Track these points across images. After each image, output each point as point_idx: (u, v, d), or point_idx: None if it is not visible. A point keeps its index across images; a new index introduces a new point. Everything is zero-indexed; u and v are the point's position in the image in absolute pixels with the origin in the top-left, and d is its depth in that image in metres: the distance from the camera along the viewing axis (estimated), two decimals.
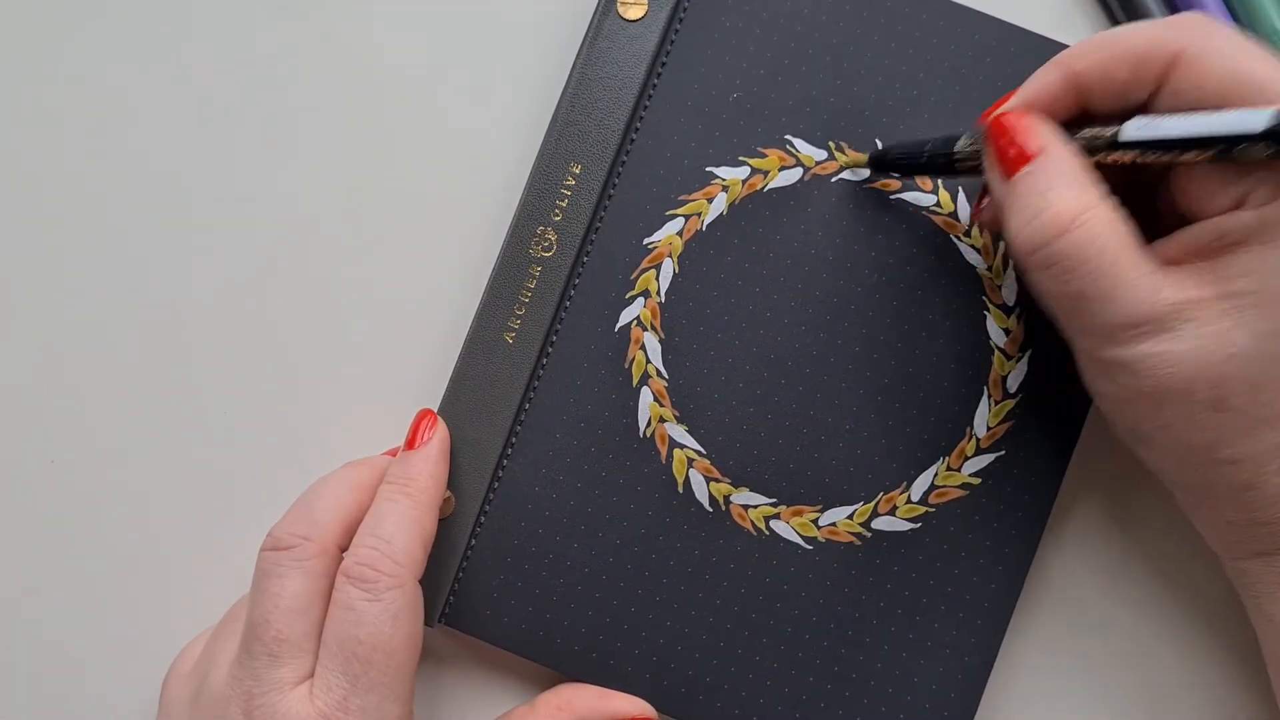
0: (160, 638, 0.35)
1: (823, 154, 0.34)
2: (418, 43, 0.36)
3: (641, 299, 0.34)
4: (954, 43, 0.34)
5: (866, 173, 0.34)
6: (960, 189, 0.34)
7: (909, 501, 0.34)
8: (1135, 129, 0.27)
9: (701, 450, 0.34)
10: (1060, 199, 0.27)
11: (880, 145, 0.34)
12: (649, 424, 0.34)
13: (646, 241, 0.34)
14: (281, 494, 0.33)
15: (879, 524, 0.33)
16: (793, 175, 0.34)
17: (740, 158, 0.34)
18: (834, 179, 0.34)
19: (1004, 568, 0.33)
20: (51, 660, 0.35)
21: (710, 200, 0.34)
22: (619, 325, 0.34)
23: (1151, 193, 0.30)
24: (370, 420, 0.36)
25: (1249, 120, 0.25)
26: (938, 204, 0.34)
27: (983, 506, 0.33)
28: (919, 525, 0.33)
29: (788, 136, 0.34)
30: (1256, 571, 0.30)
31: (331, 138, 0.36)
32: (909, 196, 0.34)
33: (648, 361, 0.34)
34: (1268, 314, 0.26)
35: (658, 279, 0.34)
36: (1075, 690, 0.35)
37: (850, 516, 0.34)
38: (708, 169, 0.34)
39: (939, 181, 0.34)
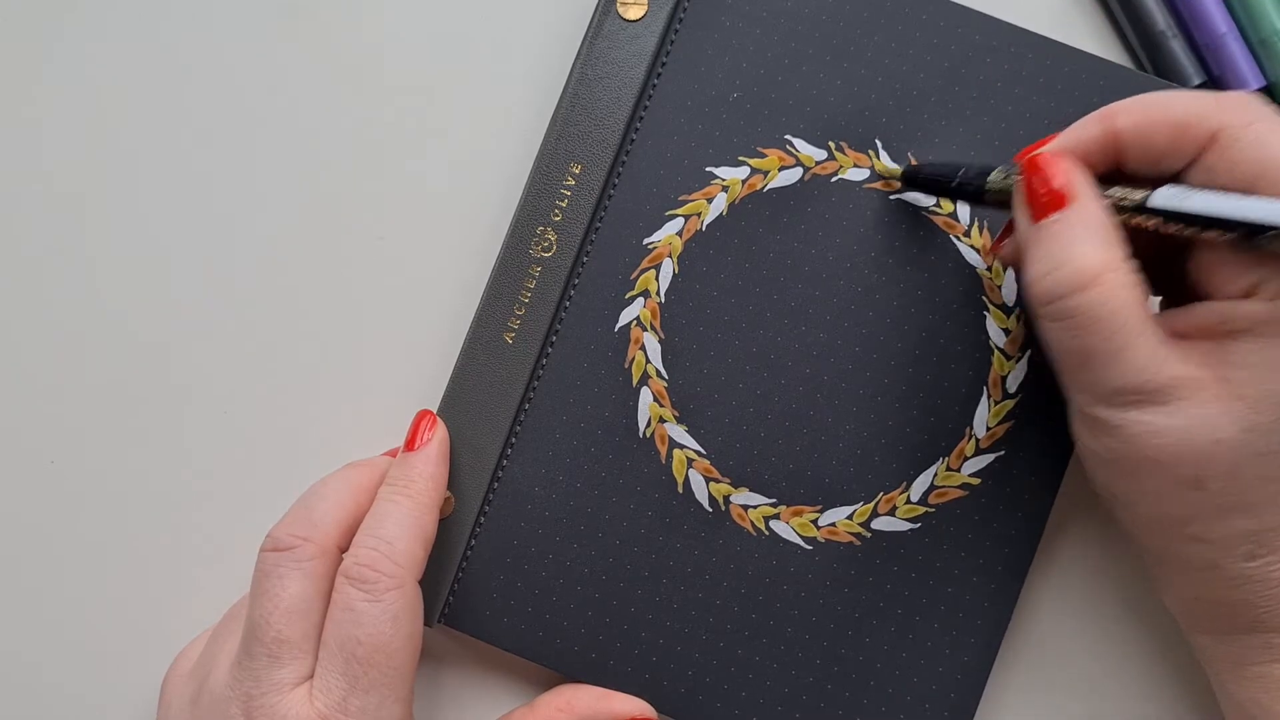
0: (160, 638, 0.35)
1: (823, 154, 0.34)
2: (418, 43, 0.36)
3: (641, 299, 0.34)
4: (954, 43, 0.34)
5: (866, 173, 0.34)
6: None
7: (909, 502, 0.34)
8: (1164, 198, 0.27)
9: (701, 450, 0.34)
10: (1085, 254, 0.26)
11: (911, 160, 0.34)
12: (649, 424, 0.34)
13: (646, 241, 0.34)
14: (281, 494, 0.33)
15: (879, 524, 0.34)
16: (793, 175, 0.34)
17: (740, 158, 0.34)
18: (834, 179, 0.34)
19: (1003, 568, 0.33)
20: (51, 660, 0.35)
21: (710, 200, 0.34)
22: (619, 325, 0.34)
23: (1177, 258, 0.30)
24: (370, 420, 0.36)
25: (1273, 211, 0.25)
26: (937, 204, 0.34)
27: (982, 507, 0.33)
28: (918, 525, 0.33)
29: (788, 136, 0.34)
30: (1213, 648, 0.30)
31: (330, 138, 0.36)
32: (909, 197, 0.34)
33: (647, 361, 0.34)
34: (1257, 408, 0.26)
35: (657, 279, 0.34)
36: (1076, 691, 0.35)
37: (850, 517, 0.34)
38: (708, 169, 0.34)
39: None
